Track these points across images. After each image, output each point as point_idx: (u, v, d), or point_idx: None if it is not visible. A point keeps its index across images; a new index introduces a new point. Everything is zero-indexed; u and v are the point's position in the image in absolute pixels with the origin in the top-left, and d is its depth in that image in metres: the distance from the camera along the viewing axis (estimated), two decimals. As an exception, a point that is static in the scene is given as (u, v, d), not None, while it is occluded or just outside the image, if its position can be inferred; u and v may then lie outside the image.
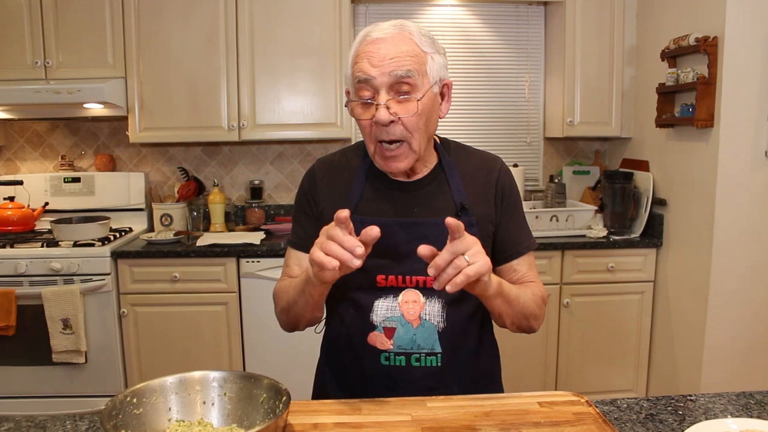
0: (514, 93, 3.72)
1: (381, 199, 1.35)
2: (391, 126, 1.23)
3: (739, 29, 2.58)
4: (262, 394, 1.07)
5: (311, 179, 1.42)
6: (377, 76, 1.21)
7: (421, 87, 1.24)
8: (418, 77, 1.23)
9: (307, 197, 1.41)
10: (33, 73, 3.14)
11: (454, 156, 1.41)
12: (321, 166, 1.43)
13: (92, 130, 3.61)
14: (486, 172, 1.39)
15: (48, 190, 3.46)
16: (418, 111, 1.23)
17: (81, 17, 3.14)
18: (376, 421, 1.08)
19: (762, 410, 1.22)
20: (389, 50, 1.22)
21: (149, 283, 3.01)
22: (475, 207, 1.35)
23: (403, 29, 1.25)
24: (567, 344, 3.19)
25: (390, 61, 1.21)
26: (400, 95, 1.23)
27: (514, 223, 1.40)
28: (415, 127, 1.24)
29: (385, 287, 1.30)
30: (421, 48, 1.25)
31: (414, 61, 1.23)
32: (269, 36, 3.21)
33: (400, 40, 1.24)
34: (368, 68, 1.22)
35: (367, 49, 1.24)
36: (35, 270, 2.90)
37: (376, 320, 1.30)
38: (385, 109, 1.21)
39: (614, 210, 3.23)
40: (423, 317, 1.29)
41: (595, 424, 1.08)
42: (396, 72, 1.21)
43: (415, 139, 1.25)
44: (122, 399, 1.01)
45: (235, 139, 3.27)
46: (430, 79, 1.26)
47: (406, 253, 1.29)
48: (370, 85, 1.23)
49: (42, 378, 2.95)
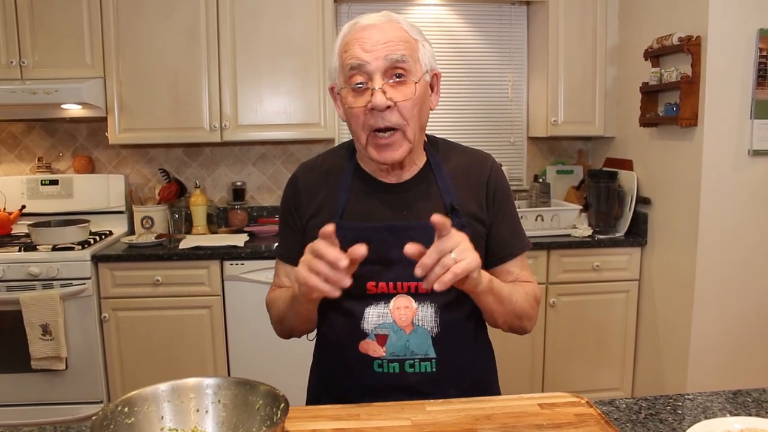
0: (497, 93, 3.72)
1: (368, 202, 1.31)
2: (387, 112, 1.19)
3: (722, 28, 2.60)
4: (258, 400, 1.04)
5: (294, 188, 1.38)
6: (371, 61, 1.19)
7: (415, 72, 1.22)
8: (411, 62, 1.21)
9: (289, 209, 1.38)
10: (8, 73, 3.06)
11: (442, 154, 1.37)
12: (303, 173, 1.39)
13: (70, 131, 3.54)
14: (477, 171, 1.36)
15: (25, 193, 3.38)
16: (415, 94, 1.21)
17: (58, 15, 3.07)
18: (376, 426, 1.06)
19: (760, 408, 1.21)
20: (381, 35, 1.20)
21: (131, 287, 2.95)
22: (465, 207, 1.31)
23: (391, 18, 1.25)
24: (553, 344, 3.20)
25: (383, 45, 1.19)
26: (394, 80, 1.20)
27: (508, 223, 1.36)
28: (410, 113, 1.21)
29: (375, 294, 1.27)
30: (411, 35, 1.24)
31: (407, 46, 1.21)
32: (251, 36, 3.17)
33: (390, 27, 1.22)
34: (361, 53, 1.19)
35: (359, 35, 1.21)
36: (13, 275, 2.83)
37: (368, 328, 1.26)
38: (382, 93, 1.18)
39: (599, 209, 3.24)
40: (416, 323, 1.26)
41: (597, 425, 1.06)
42: (391, 56, 1.19)
43: (410, 127, 1.22)
44: (113, 408, 0.97)
45: (217, 140, 3.23)
46: (422, 65, 1.24)
47: (396, 259, 1.24)
48: (363, 71, 1.20)
49: (21, 385, 2.88)
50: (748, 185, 2.70)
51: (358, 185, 1.33)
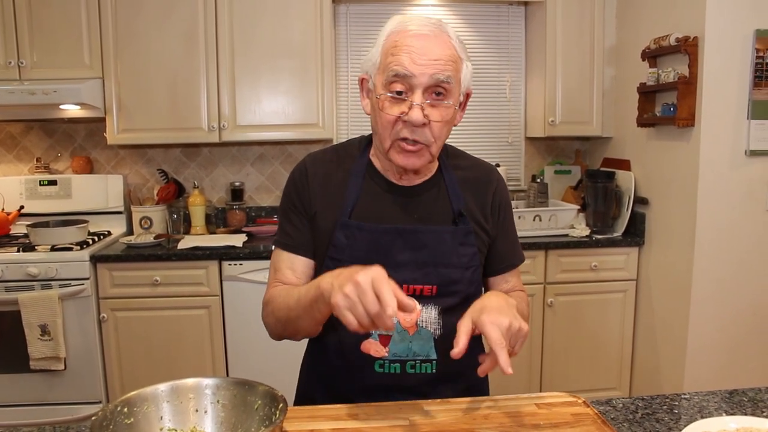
0: (495, 93, 3.72)
1: (379, 202, 1.30)
2: (420, 128, 1.19)
3: (719, 29, 2.61)
4: (257, 401, 1.04)
5: (303, 176, 1.33)
6: (418, 75, 1.16)
7: (454, 94, 1.20)
8: (454, 84, 1.20)
9: (300, 195, 1.32)
10: (6, 74, 3.06)
11: (452, 161, 1.38)
12: (313, 164, 1.34)
13: (68, 131, 3.54)
14: (485, 182, 1.38)
15: (23, 194, 3.38)
16: (449, 117, 1.21)
17: (56, 16, 3.06)
18: (375, 426, 1.06)
19: (755, 407, 1.22)
20: (434, 51, 1.17)
21: (129, 287, 2.95)
22: (472, 215, 1.33)
23: (443, 30, 1.20)
24: (551, 344, 3.20)
25: (434, 62, 1.16)
26: (434, 98, 1.19)
27: (509, 236, 1.42)
28: (439, 133, 1.21)
29: None
30: (458, 54, 1.21)
31: (453, 67, 1.19)
32: (250, 36, 3.17)
33: (442, 42, 1.19)
34: (410, 64, 1.16)
35: (410, 42, 1.17)
36: (11, 275, 2.83)
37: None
38: (420, 110, 1.17)
39: (596, 209, 3.25)
40: (419, 324, 1.26)
41: (594, 425, 1.07)
42: (438, 75, 1.16)
43: (435, 145, 1.23)
44: (113, 409, 0.98)
45: (216, 140, 3.23)
46: (462, 86, 1.24)
47: (403, 261, 1.25)
48: (406, 81, 1.17)
49: (20, 386, 2.88)
50: (745, 185, 2.71)
51: (369, 184, 1.31)
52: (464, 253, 1.30)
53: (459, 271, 1.29)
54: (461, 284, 1.29)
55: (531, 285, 3.12)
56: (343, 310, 0.99)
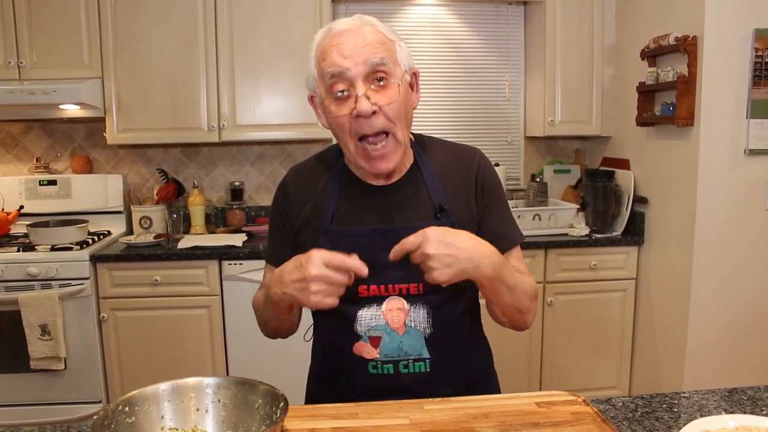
0: (494, 93, 3.73)
1: (357, 206, 1.31)
2: (373, 117, 1.18)
3: (718, 28, 2.62)
4: (258, 399, 1.05)
5: (284, 193, 1.38)
6: (351, 67, 1.17)
7: (396, 73, 1.21)
8: (391, 64, 1.20)
9: (280, 214, 1.38)
10: (6, 74, 3.07)
11: (429, 153, 1.36)
12: (293, 178, 1.39)
13: (68, 131, 3.54)
14: (465, 168, 1.35)
15: (23, 193, 3.39)
16: (399, 96, 1.20)
17: (55, 16, 3.07)
18: (374, 425, 1.07)
19: (755, 406, 1.23)
20: (359, 40, 1.18)
21: (129, 287, 2.96)
22: (454, 205, 1.31)
23: (365, 21, 1.23)
24: (551, 342, 3.21)
25: (362, 49, 1.17)
26: (376, 84, 1.19)
27: (496, 218, 1.35)
28: (397, 115, 1.20)
29: (368, 297, 1.27)
30: (387, 37, 1.23)
31: (385, 48, 1.20)
32: (249, 36, 3.17)
33: (365, 30, 1.20)
34: (340, 60, 1.17)
35: (335, 41, 1.19)
36: (11, 275, 2.83)
37: (361, 330, 1.27)
38: (366, 98, 1.17)
39: (596, 208, 3.26)
40: (408, 324, 1.26)
41: (594, 423, 1.07)
42: (371, 60, 1.17)
43: (398, 129, 1.21)
44: (114, 408, 0.98)
45: (215, 140, 3.23)
46: (401, 66, 1.23)
47: (386, 262, 1.23)
48: (344, 77, 1.18)
49: (20, 385, 2.89)
50: (744, 184, 2.72)
51: (346, 189, 1.32)
52: None
53: None
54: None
55: (531, 284, 3.13)
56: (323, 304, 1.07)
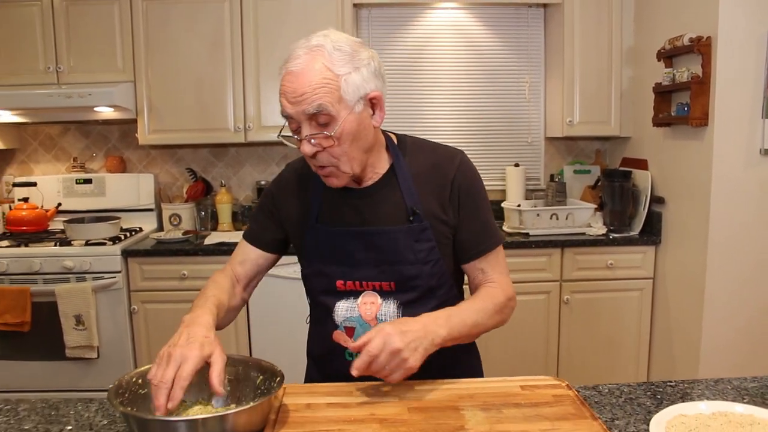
0: (514, 94, 3.78)
1: (338, 207, 1.39)
2: (318, 156, 1.26)
3: (732, 29, 2.63)
4: (259, 376, 1.15)
5: (279, 186, 1.49)
6: (294, 114, 1.22)
7: (338, 115, 1.22)
8: (332, 107, 1.21)
9: (272, 200, 1.48)
10: (46, 78, 3.25)
11: (410, 155, 1.40)
12: (288, 174, 1.49)
13: (103, 132, 3.71)
14: (442, 171, 1.38)
15: (61, 192, 3.56)
16: (336, 143, 1.24)
17: (91, 23, 3.24)
18: (366, 401, 1.15)
19: (737, 395, 1.27)
20: (299, 85, 1.20)
21: (159, 280, 3.10)
22: (428, 209, 1.36)
23: (313, 56, 1.21)
24: (567, 340, 3.24)
25: (301, 97, 1.20)
26: (318, 127, 1.23)
27: (474, 222, 1.39)
28: (340, 153, 1.26)
29: (345, 291, 1.38)
30: (333, 71, 1.21)
31: (325, 91, 1.20)
32: (274, 41, 3.29)
33: (309, 70, 1.20)
34: (286, 105, 1.22)
35: (284, 84, 1.23)
36: (49, 268, 2.99)
37: (338, 320, 1.38)
38: (308, 142, 1.23)
39: (613, 208, 3.28)
40: (379, 317, 1.35)
41: (572, 405, 1.14)
42: (308, 109, 1.20)
43: (342, 163, 1.27)
44: (129, 380, 1.09)
45: (241, 140, 3.36)
46: (348, 101, 1.22)
47: (360, 261, 1.35)
48: (293, 120, 1.24)
49: (56, 372, 3.05)
50: (759, 184, 2.71)
51: (329, 191, 1.40)
52: (420, 249, 1.35)
53: (416, 267, 1.35)
54: (420, 279, 1.36)
55: (547, 282, 3.18)
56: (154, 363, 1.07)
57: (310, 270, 1.43)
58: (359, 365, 1.14)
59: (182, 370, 1.03)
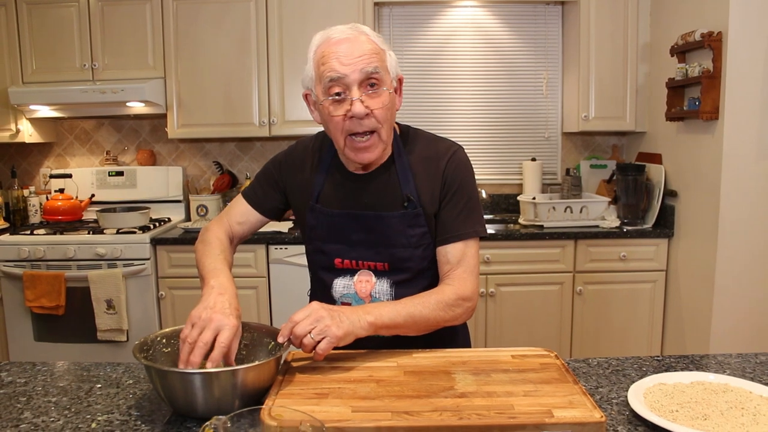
0: (532, 89, 3.85)
1: (339, 190, 1.48)
2: (365, 119, 1.33)
3: (743, 24, 2.67)
4: (271, 342, 1.26)
5: (287, 159, 1.56)
6: (349, 74, 1.31)
7: (386, 81, 1.36)
8: (383, 73, 1.35)
9: (279, 170, 1.55)
10: (81, 75, 3.42)
11: (410, 145, 1.49)
12: (299, 149, 1.56)
13: (134, 127, 3.88)
14: (436, 163, 1.46)
15: (94, 183, 3.74)
16: (387, 102, 1.35)
17: (124, 23, 3.40)
18: (366, 365, 1.26)
19: (719, 368, 1.33)
20: (356, 49, 1.32)
21: (185, 267, 3.23)
22: (423, 197, 1.44)
23: (360, 30, 1.36)
24: (580, 330, 3.30)
25: (359, 58, 1.31)
26: (369, 90, 1.33)
27: (452, 209, 1.45)
28: (384, 118, 1.35)
29: (342, 268, 1.48)
30: (379, 46, 1.37)
31: (378, 58, 1.34)
32: (298, 38, 3.41)
33: (362, 40, 1.34)
34: (339, 67, 1.31)
35: (334, 49, 1.32)
36: (82, 255, 3.16)
37: (336, 296, 1.48)
38: (360, 102, 1.31)
39: (627, 201, 3.33)
40: (374, 295, 1.46)
41: (558, 372, 1.22)
42: (366, 68, 1.31)
43: (384, 129, 1.37)
44: (153, 338, 1.21)
45: (266, 134, 3.49)
46: (390, 74, 1.38)
47: (357, 241, 1.46)
48: (342, 82, 1.32)
49: (88, 354, 3.20)
50: (769, 177, 2.75)
51: (333, 173, 1.50)
52: (413, 234, 1.44)
53: (408, 250, 1.44)
54: (412, 261, 1.45)
55: (560, 273, 3.24)
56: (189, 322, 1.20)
57: (311, 247, 1.53)
58: (283, 330, 1.25)
59: (223, 337, 1.15)
